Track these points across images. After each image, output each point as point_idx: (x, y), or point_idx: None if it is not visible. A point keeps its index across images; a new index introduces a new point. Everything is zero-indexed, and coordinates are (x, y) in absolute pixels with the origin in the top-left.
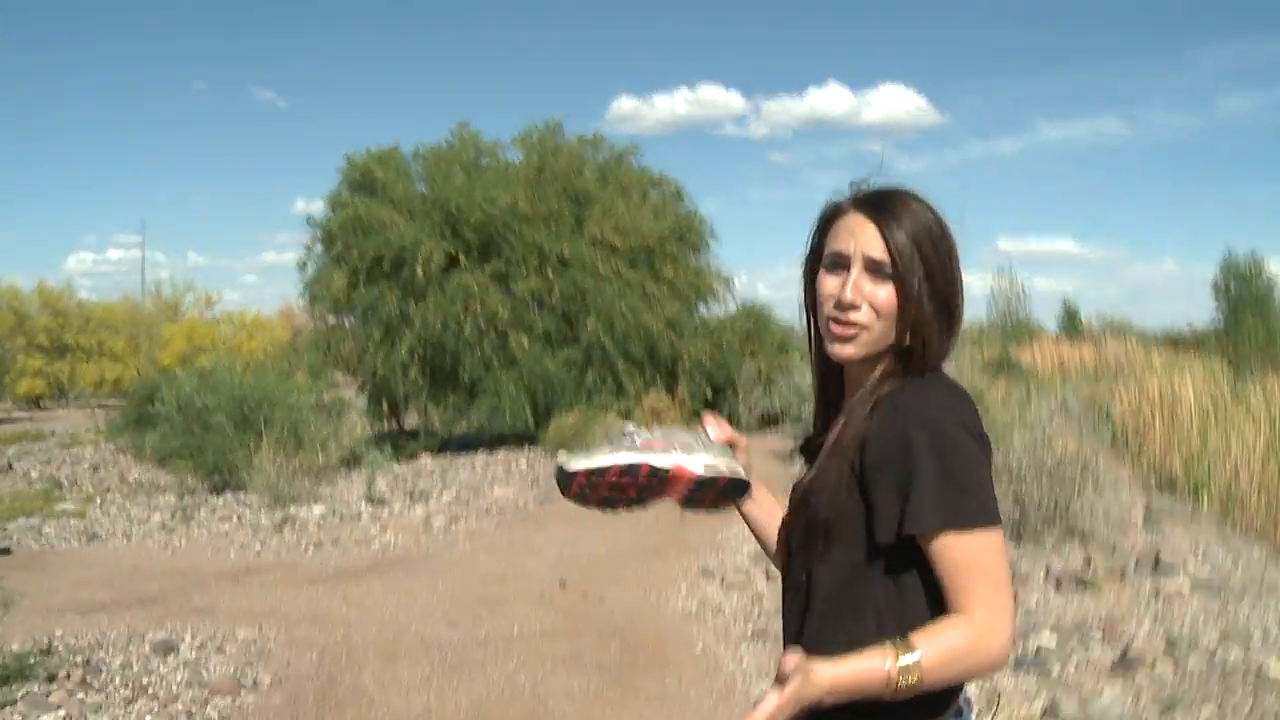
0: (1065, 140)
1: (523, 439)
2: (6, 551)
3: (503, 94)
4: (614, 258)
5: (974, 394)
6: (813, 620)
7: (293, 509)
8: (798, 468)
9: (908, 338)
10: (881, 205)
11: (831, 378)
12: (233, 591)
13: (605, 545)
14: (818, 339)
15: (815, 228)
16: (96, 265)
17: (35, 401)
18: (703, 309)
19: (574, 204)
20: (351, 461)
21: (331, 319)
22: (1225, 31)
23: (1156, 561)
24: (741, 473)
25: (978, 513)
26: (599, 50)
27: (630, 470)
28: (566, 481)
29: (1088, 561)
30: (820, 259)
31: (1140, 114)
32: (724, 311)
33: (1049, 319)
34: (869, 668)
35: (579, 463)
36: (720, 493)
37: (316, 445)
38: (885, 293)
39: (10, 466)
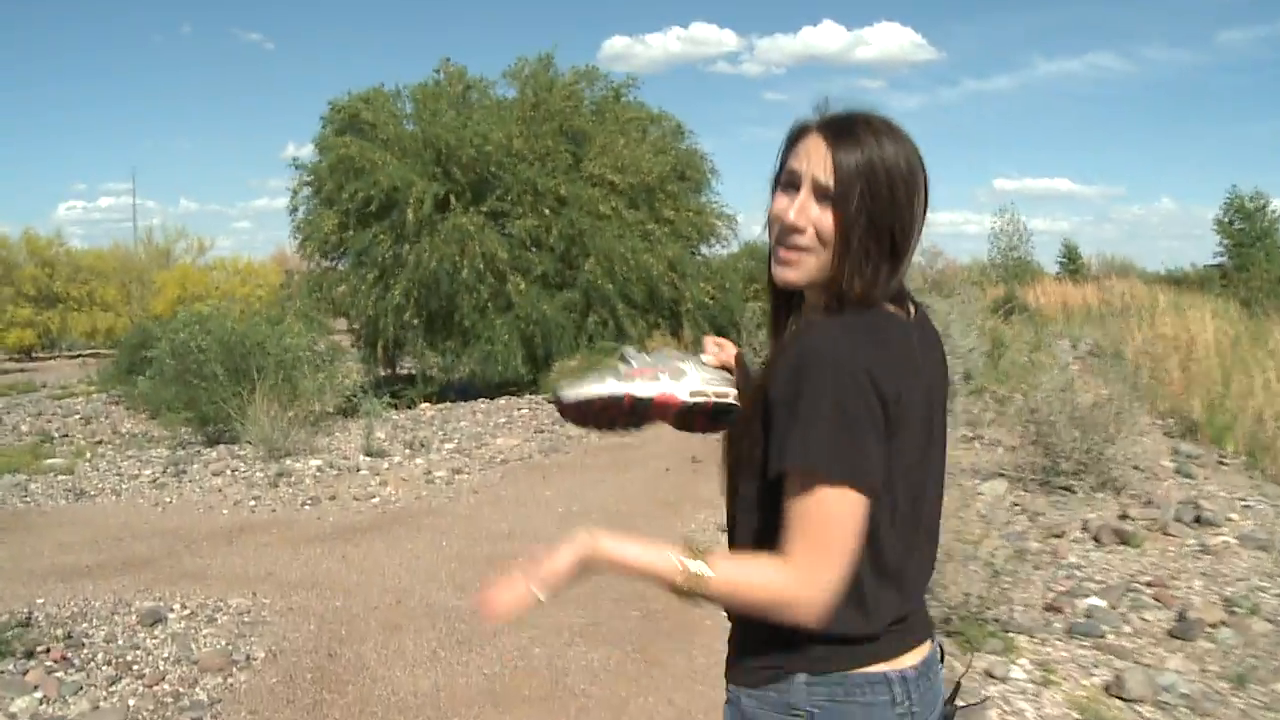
0: (1062, 76)
1: (524, 385)
2: None
3: (492, 34)
4: (613, 197)
5: (990, 335)
6: (730, 542)
7: (288, 462)
8: None
9: (842, 268)
10: (841, 129)
11: (783, 304)
12: (226, 553)
13: (615, 498)
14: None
15: (782, 145)
16: (87, 213)
17: (26, 352)
18: (705, 249)
19: (570, 141)
20: (349, 410)
21: (323, 262)
22: None
23: (1198, 514)
24: (731, 396)
25: (837, 463)
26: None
27: (614, 401)
28: (561, 409)
29: (1123, 514)
30: (780, 176)
31: (1137, 49)
32: (726, 252)
33: (1047, 260)
34: (660, 560)
35: (569, 391)
36: (709, 417)
37: (311, 394)
38: (828, 219)
39: None
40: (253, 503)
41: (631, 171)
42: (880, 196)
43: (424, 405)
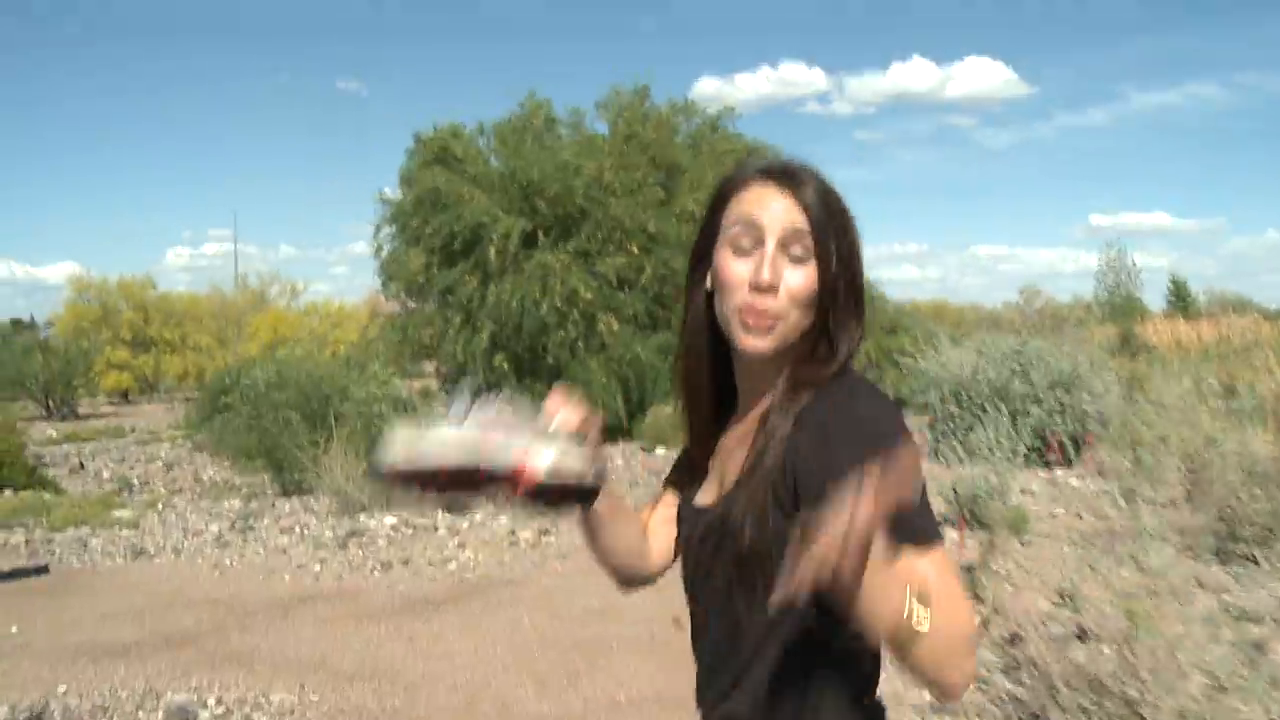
0: (1158, 108)
1: (615, 432)
2: (44, 570)
3: (582, 76)
4: None
5: (1121, 377)
6: (751, 669)
7: (362, 518)
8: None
9: (820, 329)
10: (790, 173)
11: (716, 379)
12: (279, 629)
13: None
14: (699, 335)
15: (710, 206)
16: (193, 260)
17: (124, 395)
18: None
19: (664, 176)
20: None
21: (410, 303)
22: None
23: None
24: (591, 476)
25: (923, 531)
26: (680, 30)
27: (463, 473)
28: (387, 476)
29: None
30: (711, 241)
31: (1237, 78)
32: None
33: (1151, 296)
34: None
35: (398, 456)
36: (561, 496)
37: None
38: (802, 275)
39: (82, 466)
40: (318, 567)
41: None
42: (845, 243)
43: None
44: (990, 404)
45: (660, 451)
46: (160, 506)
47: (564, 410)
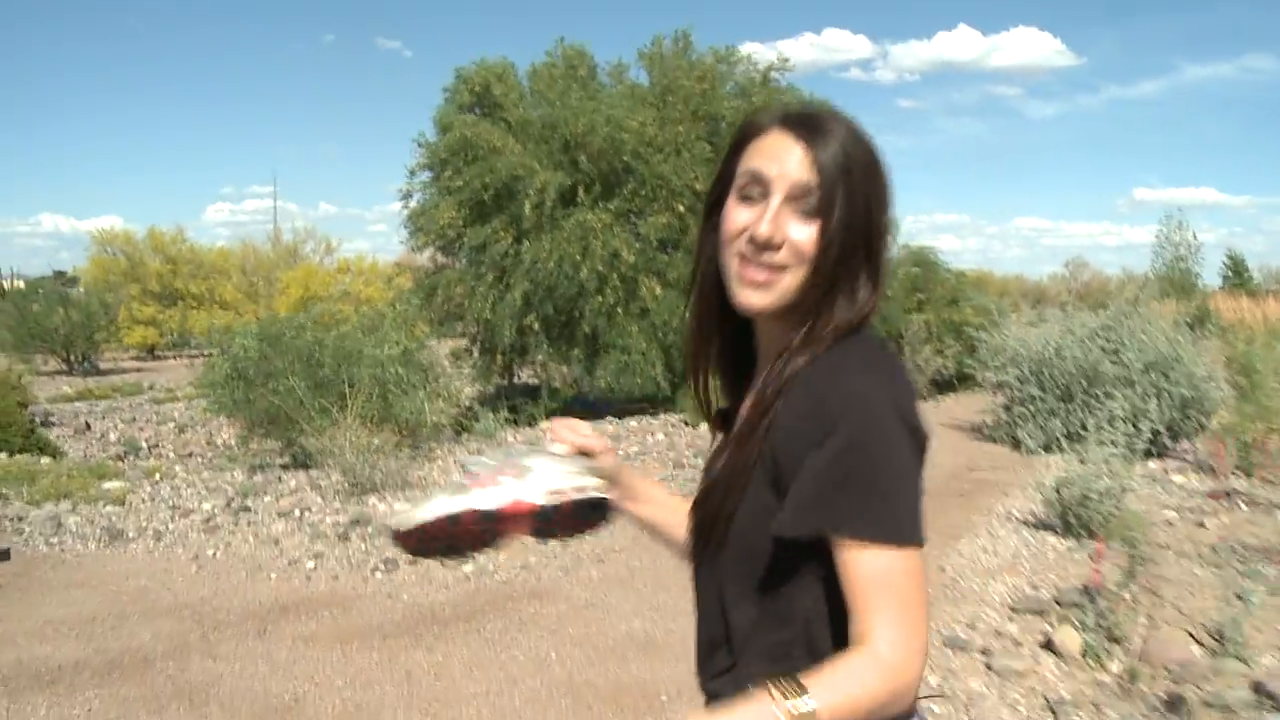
0: (1213, 80)
1: (657, 402)
2: (3, 556)
3: (624, 37)
4: None
5: (1238, 361)
6: (735, 631)
7: (372, 500)
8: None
9: (823, 289)
10: (812, 124)
11: (732, 340)
12: (250, 651)
13: None
14: (712, 286)
15: (728, 149)
16: (234, 215)
17: (150, 350)
18: None
19: (709, 129)
20: (463, 425)
21: (440, 258)
22: None
23: None
24: (593, 488)
25: (896, 527)
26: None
27: (454, 521)
28: (397, 541)
29: None
30: (727, 187)
31: None
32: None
33: (1204, 271)
34: (760, 717)
35: (403, 518)
36: (572, 516)
37: (409, 416)
38: (808, 231)
39: (89, 427)
40: (311, 564)
41: None
42: (860, 198)
43: (544, 425)
44: (1077, 385)
45: (704, 427)
46: (158, 477)
47: (565, 433)
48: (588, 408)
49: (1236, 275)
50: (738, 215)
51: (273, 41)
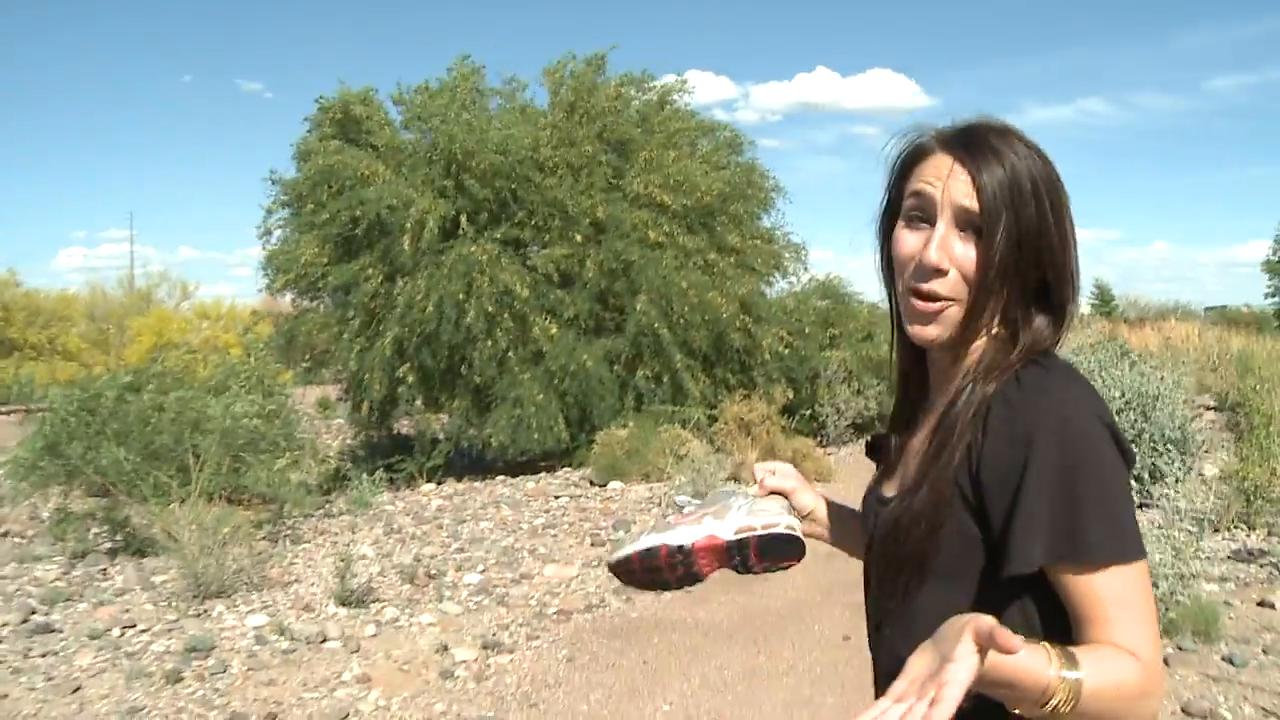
0: (1055, 122)
1: (553, 456)
2: None
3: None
4: (665, 220)
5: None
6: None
7: (219, 609)
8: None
9: (993, 314)
10: (976, 143)
11: (914, 364)
12: None
13: (788, 703)
14: (896, 315)
15: (893, 173)
16: (88, 260)
17: None
18: (765, 286)
19: (615, 153)
20: (334, 483)
21: (301, 301)
22: (1211, 12)
23: None
24: (782, 525)
25: (1125, 542)
26: (587, 38)
27: (649, 554)
28: (612, 574)
29: None
30: (896, 213)
31: (1128, 96)
32: (794, 288)
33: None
34: (1032, 665)
35: (615, 552)
36: (760, 553)
37: (260, 488)
38: (974, 256)
39: None
40: None
41: (686, 190)
42: (1031, 219)
43: (427, 488)
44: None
45: (616, 485)
46: None
47: (760, 483)
48: (473, 461)
49: (1103, 303)
50: (906, 241)
51: (128, 84)
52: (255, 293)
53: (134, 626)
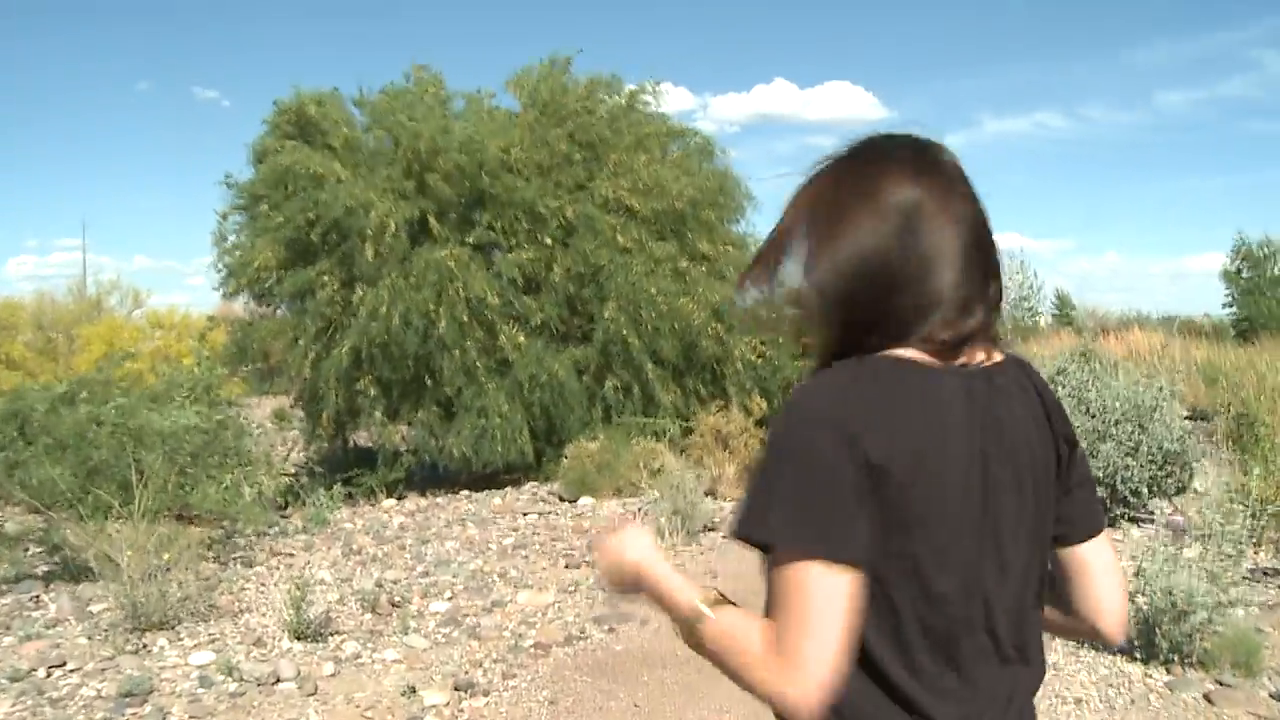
0: (1011, 135)
1: (517, 469)
2: None
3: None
4: (634, 226)
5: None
6: None
7: (161, 643)
8: None
9: (809, 327)
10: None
11: None
12: None
13: None
14: None
15: None
16: (39, 269)
17: None
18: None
19: (588, 153)
20: (286, 499)
21: (257, 308)
22: (1162, 29)
23: None
24: None
25: (759, 529)
26: (543, 48)
27: None
28: None
29: None
30: None
31: (1080, 109)
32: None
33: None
34: (680, 589)
35: None
36: None
37: (206, 507)
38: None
39: None
40: None
41: (656, 195)
42: (817, 240)
43: (388, 504)
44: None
45: (587, 501)
46: None
47: None
48: (434, 478)
49: (1064, 314)
50: None
51: (82, 90)
52: (210, 300)
53: (63, 665)
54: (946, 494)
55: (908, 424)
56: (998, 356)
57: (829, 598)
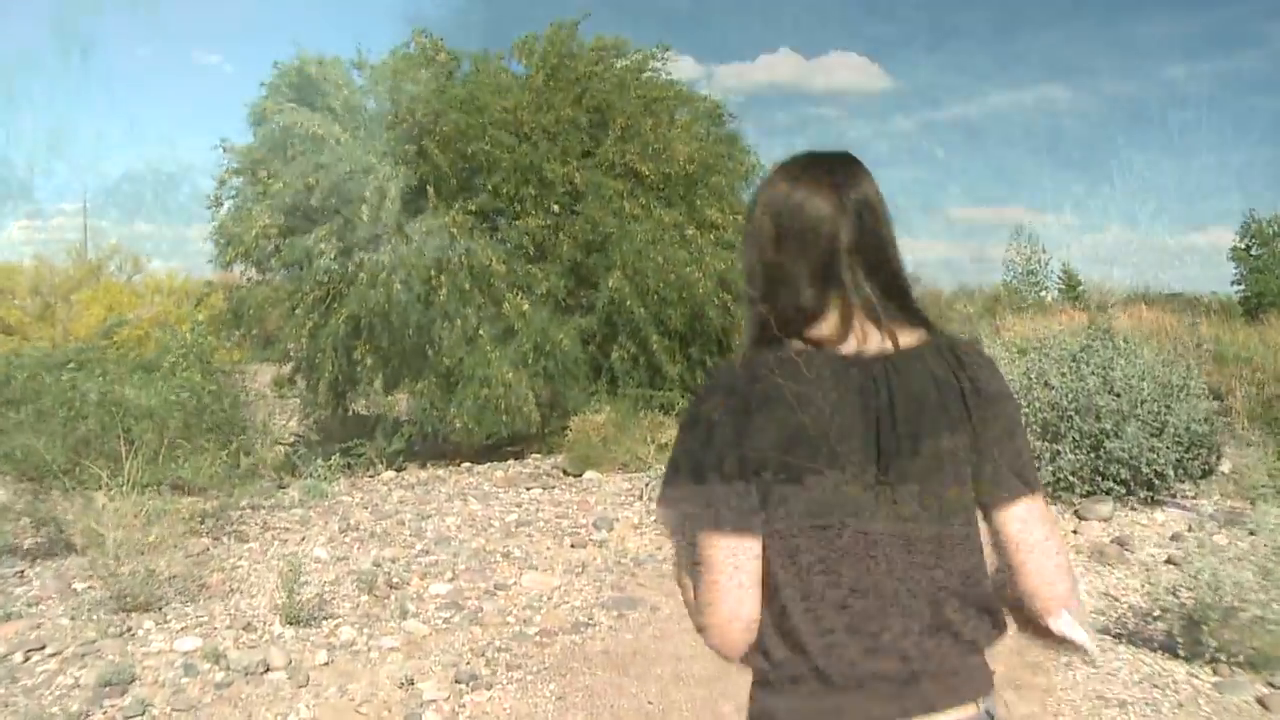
0: (1014, 106)
1: (521, 440)
2: None
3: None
4: (641, 192)
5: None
6: None
7: (147, 625)
8: None
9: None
10: None
11: None
12: None
13: None
14: None
15: None
16: (38, 234)
17: None
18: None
19: (595, 117)
20: (283, 470)
21: (254, 275)
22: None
23: None
24: None
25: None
26: (548, 15)
27: None
28: None
29: None
30: None
31: (1087, 82)
32: None
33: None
34: None
35: None
36: None
37: (197, 480)
38: None
39: None
40: None
41: (664, 160)
42: (746, 233)
43: (387, 476)
44: (1065, 421)
45: (592, 475)
46: None
47: None
48: (435, 450)
49: (1071, 290)
50: None
51: (84, 53)
52: (208, 266)
53: (42, 649)
54: (810, 462)
55: (760, 402)
56: (911, 341)
57: (713, 557)
